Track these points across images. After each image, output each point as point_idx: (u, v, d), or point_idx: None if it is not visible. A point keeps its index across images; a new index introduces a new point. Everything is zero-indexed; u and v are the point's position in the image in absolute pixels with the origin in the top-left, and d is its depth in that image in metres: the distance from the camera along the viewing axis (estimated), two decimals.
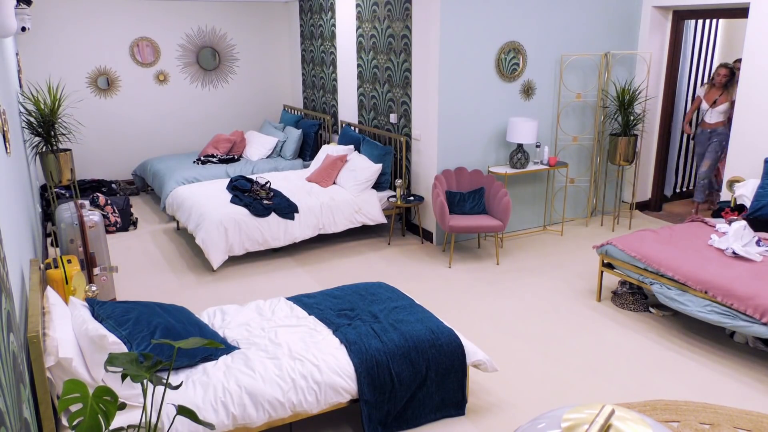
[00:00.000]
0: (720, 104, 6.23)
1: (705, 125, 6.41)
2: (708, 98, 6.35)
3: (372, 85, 6.68)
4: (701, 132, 6.47)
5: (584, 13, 6.02)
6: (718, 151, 6.39)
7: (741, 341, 4.09)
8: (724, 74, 6.39)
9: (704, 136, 6.45)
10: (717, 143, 6.37)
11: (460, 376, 3.30)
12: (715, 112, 6.30)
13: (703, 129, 6.44)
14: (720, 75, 6.40)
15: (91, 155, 7.86)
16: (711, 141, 6.39)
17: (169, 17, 8.00)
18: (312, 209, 5.69)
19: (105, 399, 2.09)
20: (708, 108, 6.34)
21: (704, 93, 6.38)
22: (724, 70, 6.42)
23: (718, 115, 6.30)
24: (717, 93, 6.26)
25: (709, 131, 6.39)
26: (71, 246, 4.28)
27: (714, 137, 6.37)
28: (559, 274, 5.25)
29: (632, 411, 1.21)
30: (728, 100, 6.16)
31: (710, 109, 6.33)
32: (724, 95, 6.23)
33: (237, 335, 3.32)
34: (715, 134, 6.36)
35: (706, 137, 6.43)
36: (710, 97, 6.34)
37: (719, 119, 6.32)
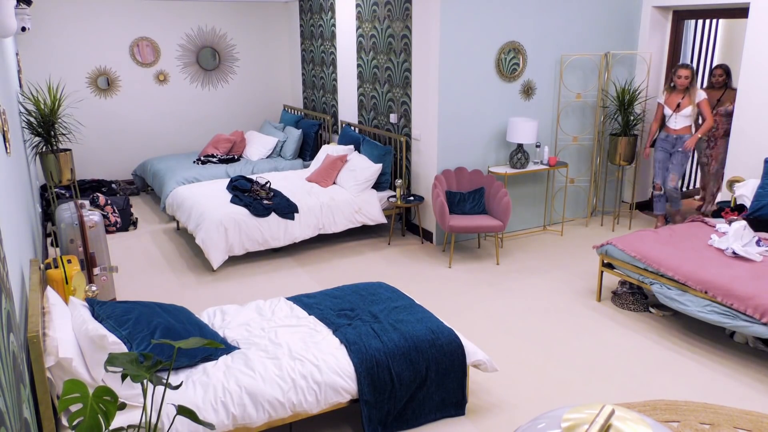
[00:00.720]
0: (684, 107, 5.73)
1: (669, 131, 5.87)
2: (670, 102, 5.84)
3: (372, 85, 6.68)
4: (665, 137, 5.91)
5: (584, 13, 6.02)
6: (684, 164, 5.87)
7: (741, 341, 4.09)
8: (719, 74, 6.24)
9: (668, 142, 5.90)
10: (683, 154, 5.84)
11: (460, 376, 3.30)
12: (680, 116, 5.77)
13: (667, 134, 5.90)
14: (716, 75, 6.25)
15: (91, 155, 7.86)
16: (676, 149, 5.86)
17: (169, 17, 8.00)
18: (312, 209, 5.69)
19: (105, 399, 2.09)
20: (672, 113, 5.81)
21: (665, 98, 5.88)
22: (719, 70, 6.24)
23: (684, 120, 5.78)
24: (679, 96, 5.76)
25: (675, 137, 5.85)
26: (71, 246, 4.28)
27: (679, 145, 5.84)
28: (559, 274, 5.25)
29: (632, 411, 1.21)
30: (691, 103, 5.69)
31: (674, 114, 5.81)
32: (687, 98, 5.73)
33: (237, 335, 3.32)
34: (681, 142, 5.83)
35: (671, 144, 5.89)
36: (672, 101, 5.84)
37: (685, 124, 5.79)
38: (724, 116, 6.16)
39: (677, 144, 5.85)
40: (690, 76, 5.80)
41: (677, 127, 5.82)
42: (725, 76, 6.18)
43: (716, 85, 6.23)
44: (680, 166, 5.86)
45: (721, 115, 6.18)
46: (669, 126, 5.86)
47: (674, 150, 5.90)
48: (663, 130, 5.90)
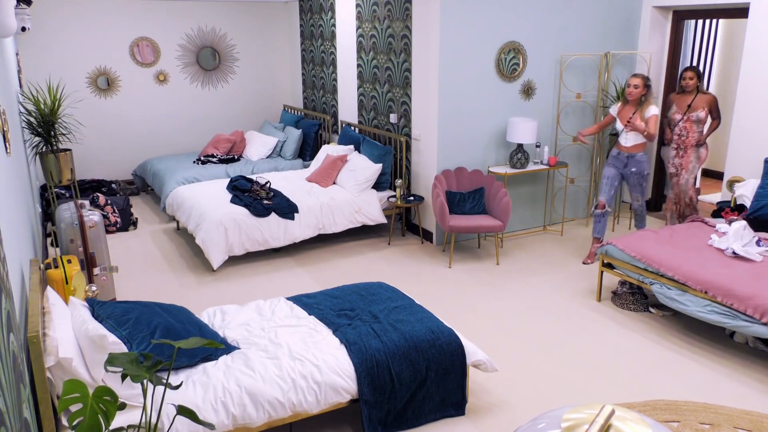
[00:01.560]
0: (636, 122, 5.12)
1: (621, 148, 5.33)
2: (622, 116, 5.26)
3: (372, 85, 6.68)
4: (617, 154, 5.36)
5: (584, 13, 6.02)
6: (642, 183, 5.38)
7: (741, 341, 4.09)
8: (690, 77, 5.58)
9: (620, 160, 5.35)
10: (637, 175, 5.31)
11: (460, 376, 3.30)
12: (630, 133, 5.20)
13: (619, 152, 5.36)
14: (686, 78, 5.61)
15: (91, 155, 7.86)
16: (629, 169, 5.31)
17: (169, 17, 8.00)
18: (312, 209, 5.69)
19: (105, 399, 2.09)
20: (623, 128, 5.23)
21: (618, 110, 5.32)
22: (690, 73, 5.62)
23: (635, 137, 5.20)
24: (631, 110, 5.18)
25: (626, 156, 5.30)
26: (71, 246, 4.28)
27: (632, 165, 5.29)
28: (559, 274, 5.25)
29: (632, 411, 1.21)
30: (642, 118, 5.09)
31: (625, 130, 5.22)
32: (639, 113, 5.12)
33: (237, 335, 3.32)
34: (633, 161, 5.28)
35: (622, 162, 5.34)
36: (624, 116, 5.24)
37: (637, 141, 5.22)
38: (694, 123, 5.56)
39: (630, 164, 5.30)
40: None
41: (628, 144, 5.26)
42: (696, 79, 5.61)
43: (687, 89, 5.62)
44: (639, 186, 5.40)
45: (691, 122, 5.56)
46: (620, 143, 5.32)
47: (627, 171, 5.35)
48: (615, 147, 5.41)
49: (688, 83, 5.61)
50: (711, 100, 5.58)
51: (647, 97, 5.11)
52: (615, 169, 5.39)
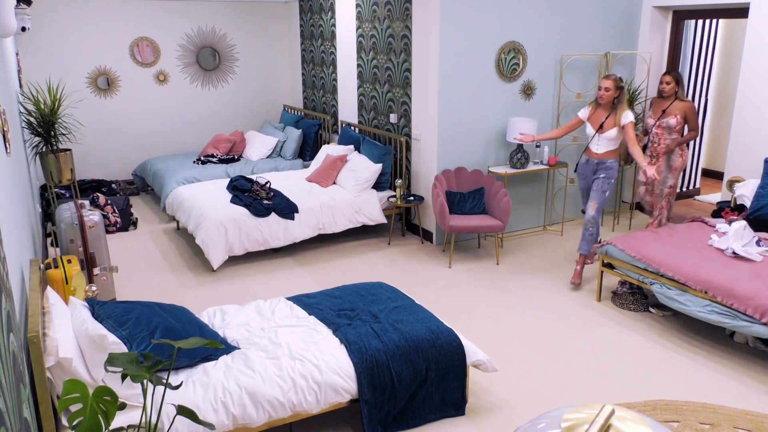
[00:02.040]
0: (608, 129, 4.79)
1: (591, 154, 4.96)
2: (593, 121, 4.90)
3: (372, 85, 6.68)
4: (586, 161, 5.02)
5: (584, 13, 6.02)
6: (606, 191, 4.94)
7: (741, 341, 4.09)
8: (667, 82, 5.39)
9: (589, 167, 5.00)
10: (605, 180, 4.92)
11: (460, 376, 3.30)
12: (602, 139, 4.83)
13: (588, 158, 5.00)
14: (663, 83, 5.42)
15: (91, 155, 7.86)
16: (597, 175, 4.96)
17: (169, 17, 8.00)
18: (312, 209, 5.69)
19: (105, 399, 2.09)
20: (594, 133, 4.89)
21: (589, 114, 4.95)
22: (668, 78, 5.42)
23: (607, 143, 4.85)
24: (603, 114, 4.82)
25: (596, 162, 4.93)
26: (71, 246, 4.28)
27: (601, 170, 4.92)
28: (559, 274, 5.25)
29: (632, 411, 1.21)
30: (616, 124, 4.74)
31: (597, 135, 4.87)
32: (611, 118, 4.77)
33: (237, 335, 3.32)
34: (603, 167, 4.91)
35: (591, 169, 4.99)
36: (595, 120, 4.88)
37: (609, 147, 4.86)
38: (665, 129, 5.45)
39: (599, 170, 4.94)
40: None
41: (600, 151, 4.89)
42: (674, 85, 5.41)
43: (663, 94, 5.47)
44: (601, 193, 4.93)
45: (662, 128, 5.46)
46: (591, 149, 4.96)
47: (595, 177, 4.98)
48: (584, 153, 5.04)
49: (664, 88, 5.44)
50: (687, 108, 5.41)
51: (621, 99, 4.75)
52: (585, 180, 5.09)
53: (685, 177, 7.49)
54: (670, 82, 5.42)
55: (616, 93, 4.72)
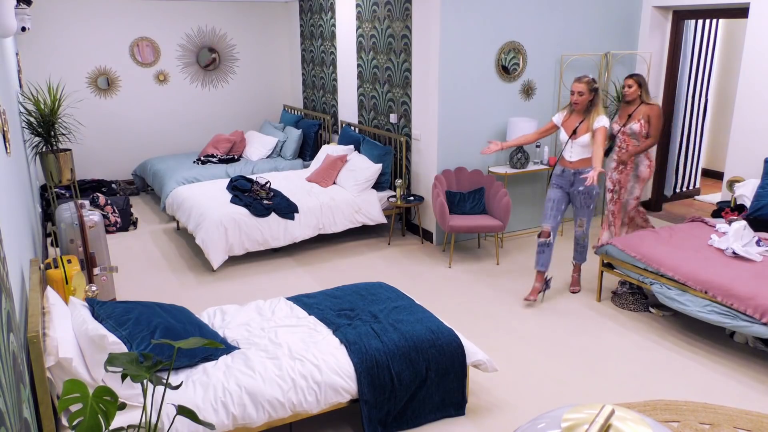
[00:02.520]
0: (581, 135, 4.40)
1: (565, 163, 4.55)
2: (567, 126, 4.52)
3: (372, 85, 6.68)
4: (561, 172, 4.58)
5: (584, 13, 6.02)
6: (590, 205, 4.58)
7: (741, 341, 4.09)
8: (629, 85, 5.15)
9: (565, 179, 4.56)
10: (585, 194, 4.51)
11: (460, 376, 3.30)
12: (576, 145, 4.45)
13: (563, 168, 4.57)
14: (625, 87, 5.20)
15: (91, 155, 7.86)
16: (575, 188, 4.51)
17: (169, 17, 8.00)
18: (312, 209, 5.69)
19: (105, 399, 2.09)
20: (567, 139, 4.50)
21: (562, 119, 4.57)
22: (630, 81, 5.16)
23: (581, 150, 4.44)
24: (577, 119, 4.43)
25: (572, 172, 4.51)
26: (71, 246, 4.28)
27: (579, 183, 4.49)
28: (559, 274, 5.25)
29: (632, 411, 1.21)
30: (590, 129, 4.37)
31: (570, 141, 4.48)
32: (585, 123, 4.39)
33: (237, 335, 3.32)
34: (581, 179, 4.48)
35: (568, 181, 4.55)
36: (569, 126, 4.50)
37: (583, 155, 4.45)
38: (630, 135, 5.20)
39: (576, 181, 4.50)
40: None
41: (574, 159, 4.49)
42: (637, 88, 5.15)
43: (626, 98, 5.21)
44: (586, 209, 4.60)
45: (626, 135, 5.20)
46: (564, 157, 4.56)
47: (573, 189, 4.54)
48: (558, 163, 4.62)
49: (626, 92, 5.20)
50: (651, 112, 5.15)
51: (595, 102, 4.38)
52: (560, 190, 4.60)
53: (685, 177, 7.50)
54: (632, 85, 5.16)
55: (591, 96, 4.35)
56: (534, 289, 4.67)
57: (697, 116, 7.35)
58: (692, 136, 7.36)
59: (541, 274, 4.67)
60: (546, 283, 4.69)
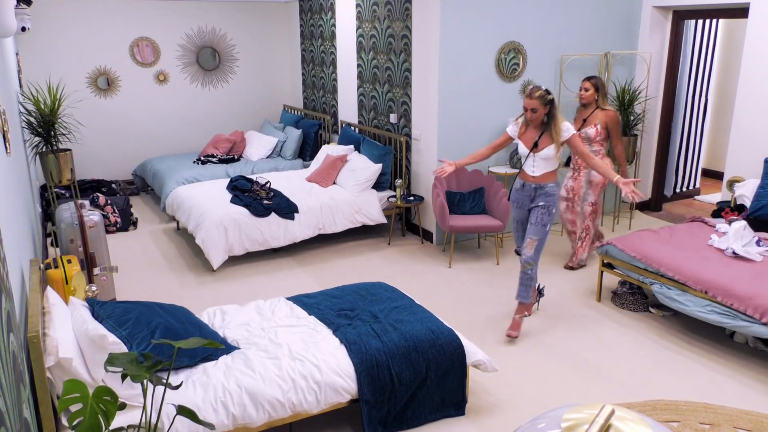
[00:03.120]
0: (543, 147, 4.00)
1: (526, 177, 4.13)
2: (525, 139, 4.08)
3: (372, 85, 6.68)
4: (521, 187, 4.17)
5: (584, 13, 6.02)
6: (547, 224, 4.08)
7: (741, 341, 4.09)
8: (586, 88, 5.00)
9: (525, 194, 4.15)
10: (545, 211, 4.07)
11: (460, 376, 3.30)
12: (538, 159, 4.03)
13: (524, 182, 4.15)
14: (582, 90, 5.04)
15: (91, 155, 7.86)
16: (535, 203, 4.10)
17: (169, 17, 8.00)
18: (312, 209, 5.69)
19: (105, 399, 2.09)
20: (528, 153, 4.07)
21: (519, 132, 4.14)
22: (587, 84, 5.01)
23: (544, 164, 4.04)
24: (536, 132, 4.03)
25: (533, 187, 4.11)
26: (71, 246, 4.28)
27: (540, 197, 4.08)
28: (559, 274, 5.25)
29: (632, 411, 1.21)
30: (552, 141, 3.97)
31: (532, 155, 4.06)
32: (547, 134, 3.99)
33: (237, 335, 3.32)
34: (542, 194, 4.07)
35: (528, 196, 4.14)
36: (528, 138, 4.07)
37: (546, 169, 4.05)
38: (585, 140, 5.03)
39: (537, 196, 4.11)
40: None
41: (536, 173, 4.08)
42: (594, 92, 5.01)
43: (582, 101, 5.09)
44: (541, 227, 4.08)
45: (582, 139, 4.90)
46: (526, 171, 4.13)
47: (533, 205, 4.13)
48: (519, 177, 4.21)
49: (583, 95, 5.07)
50: (608, 118, 5.02)
51: (552, 114, 3.96)
52: (521, 209, 4.24)
53: (685, 177, 7.50)
54: (588, 88, 5.02)
55: (546, 110, 3.94)
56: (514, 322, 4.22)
57: (697, 116, 7.35)
58: (692, 136, 7.36)
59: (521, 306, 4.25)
60: (539, 293, 4.45)
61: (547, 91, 3.93)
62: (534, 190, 4.12)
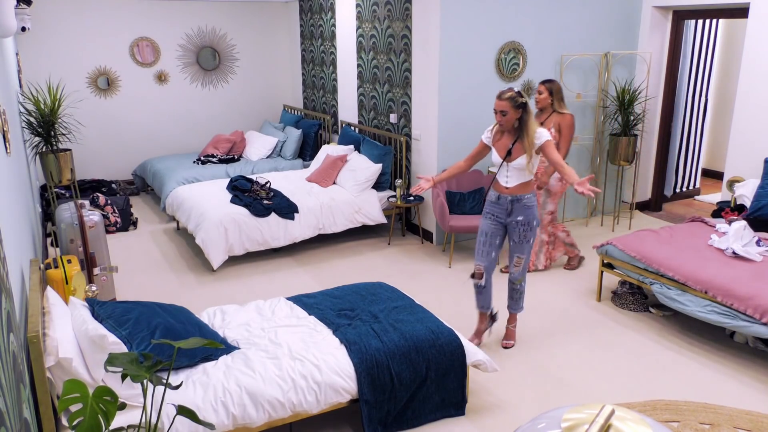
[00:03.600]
0: (517, 156, 3.70)
1: (500, 189, 3.81)
2: (499, 147, 3.80)
3: (372, 85, 6.68)
4: (496, 199, 3.83)
5: (584, 13, 6.02)
6: (530, 239, 3.84)
7: (741, 341, 4.09)
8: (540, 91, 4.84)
9: (501, 207, 3.82)
10: (525, 225, 3.79)
11: (460, 376, 3.30)
12: (512, 169, 3.73)
13: (499, 195, 3.82)
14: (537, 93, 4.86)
15: (91, 155, 7.86)
16: (513, 217, 3.78)
17: (169, 17, 8.00)
18: (312, 209, 5.69)
19: (105, 399, 2.09)
20: (502, 162, 3.77)
21: (493, 139, 3.86)
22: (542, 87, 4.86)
23: (518, 174, 3.72)
24: (510, 139, 3.74)
25: (509, 200, 3.78)
26: (71, 246, 4.28)
27: (518, 212, 3.77)
28: (559, 273, 5.25)
29: (632, 411, 1.21)
30: (524, 151, 3.66)
31: (505, 165, 3.76)
32: (520, 143, 3.68)
33: (237, 335, 3.32)
34: (519, 207, 3.76)
35: (504, 210, 3.81)
36: (502, 146, 3.78)
37: (521, 180, 3.73)
38: None
39: (515, 210, 3.78)
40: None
41: (511, 184, 3.75)
42: (548, 95, 4.86)
43: (538, 105, 4.94)
44: (525, 244, 3.84)
45: None
46: (499, 182, 3.82)
47: (511, 220, 3.80)
48: (492, 188, 3.89)
49: (537, 99, 4.90)
50: (561, 121, 4.85)
51: (524, 119, 3.66)
52: (494, 222, 3.87)
53: (685, 177, 7.50)
54: (542, 92, 4.86)
55: (517, 114, 3.65)
56: (477, 329, 4.09)
57: (697, 116, 7.35)
58: (692, 136, 7.36)
59: (483, 314, 4.08)
60: (492, 318, 4.10)
61: (519, 93, 3.65)
62: (511, 203, 3.79)
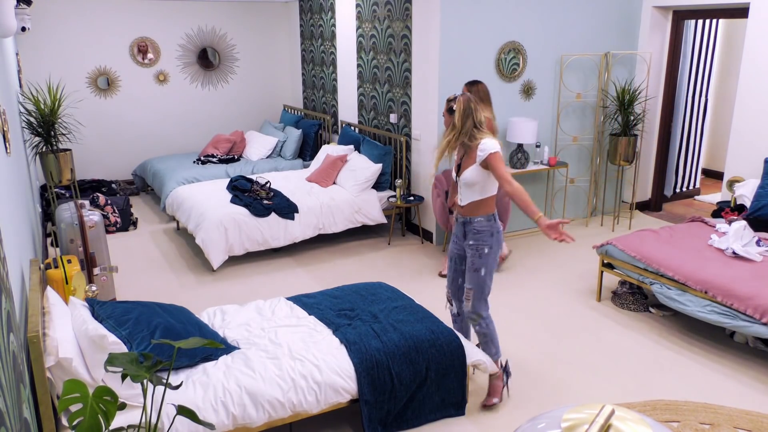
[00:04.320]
0: (465, 170, 3.28)
1: (457, 208, 3.40)
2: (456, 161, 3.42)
3: (372, 85, 6.68)
4: (456, 218, 3.46)
5: (584, 13, 6.02)
6: (480, 268, 3.31)
7: (741, 341, 4.09)
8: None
9: (458, 227, 3.43)
10: (475, 251, 3.30)
11: (460, 376, 3.30)
12: (462, 185, 3.30)
13: (457, 215, 3.44)
14: None
15: (91, 155, 7.86)
16: (467, 241, 3.34)
17: (169, 17, 8.00)
18: (312, 209, 5.69)
19: (105, 399, 2.09)
20: (456, 178, 3.37)
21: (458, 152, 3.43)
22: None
23: (469, 192, 3.28)
24: (462, 151, 3.33)
25: (462, 221, 3.37)
26: (71, 246, 4.28)
27: (469, 236, 3.32)
28: (559, 274, 5.25)
29: (632, 411, 1.21)
30: (474, 161, 3.22)
31: (459, 179, 3.33)
32: (468, 155, 3.26)
33: (237, 335, 3.32)
34: (470, 230, 3.32)
35: (461, 231, 3.40)
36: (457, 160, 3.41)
37: (472, 199, 3.28)
38: None
39: (467, 233, 3.33)
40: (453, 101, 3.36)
41: (463, 202, 3.33)
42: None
43: None
44: (473, 273, 3.33)
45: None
46: (456, 201, 3.43)
47: (465, 243, 3.37)
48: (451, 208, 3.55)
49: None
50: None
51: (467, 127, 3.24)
52: (456, 245, 3.48)
53: (685, 177, 7.50)
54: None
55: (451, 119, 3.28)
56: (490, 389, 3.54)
57: (697, 116, 7.35)
58: (692, 136, 7.36)
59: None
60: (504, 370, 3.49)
61: (454, 98, 3.24)
62: (462, 225, 3.35)
